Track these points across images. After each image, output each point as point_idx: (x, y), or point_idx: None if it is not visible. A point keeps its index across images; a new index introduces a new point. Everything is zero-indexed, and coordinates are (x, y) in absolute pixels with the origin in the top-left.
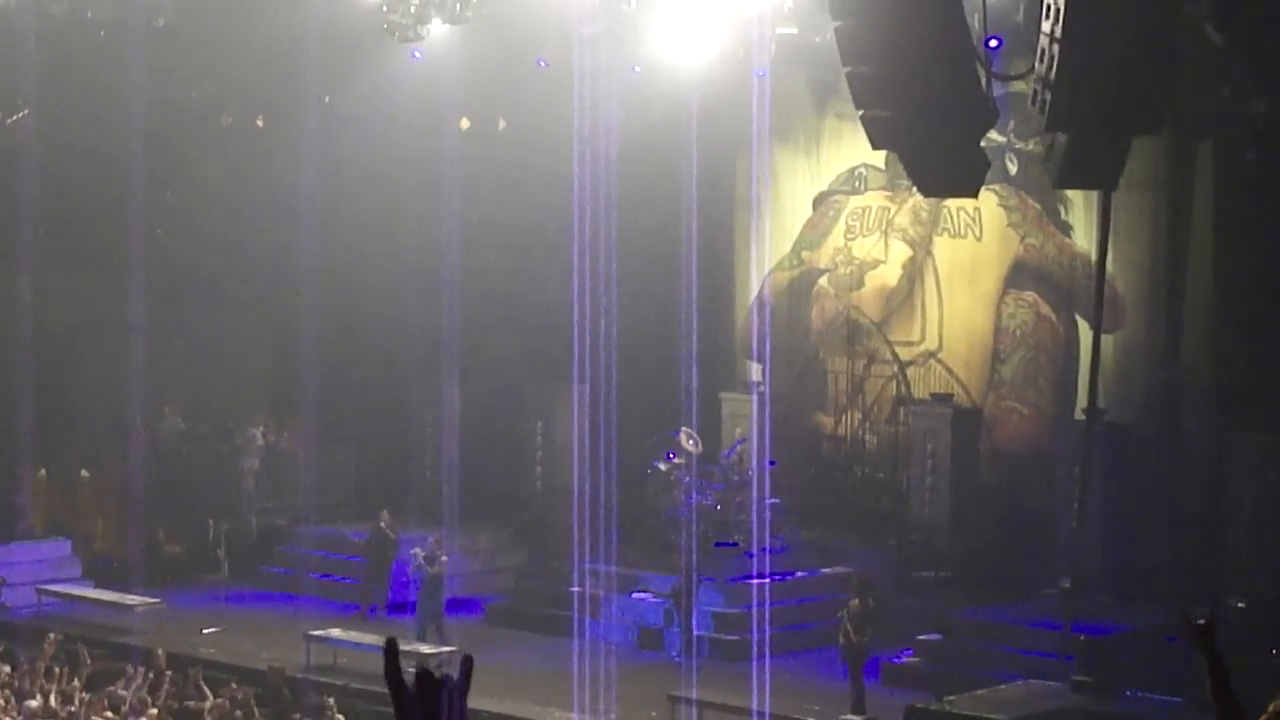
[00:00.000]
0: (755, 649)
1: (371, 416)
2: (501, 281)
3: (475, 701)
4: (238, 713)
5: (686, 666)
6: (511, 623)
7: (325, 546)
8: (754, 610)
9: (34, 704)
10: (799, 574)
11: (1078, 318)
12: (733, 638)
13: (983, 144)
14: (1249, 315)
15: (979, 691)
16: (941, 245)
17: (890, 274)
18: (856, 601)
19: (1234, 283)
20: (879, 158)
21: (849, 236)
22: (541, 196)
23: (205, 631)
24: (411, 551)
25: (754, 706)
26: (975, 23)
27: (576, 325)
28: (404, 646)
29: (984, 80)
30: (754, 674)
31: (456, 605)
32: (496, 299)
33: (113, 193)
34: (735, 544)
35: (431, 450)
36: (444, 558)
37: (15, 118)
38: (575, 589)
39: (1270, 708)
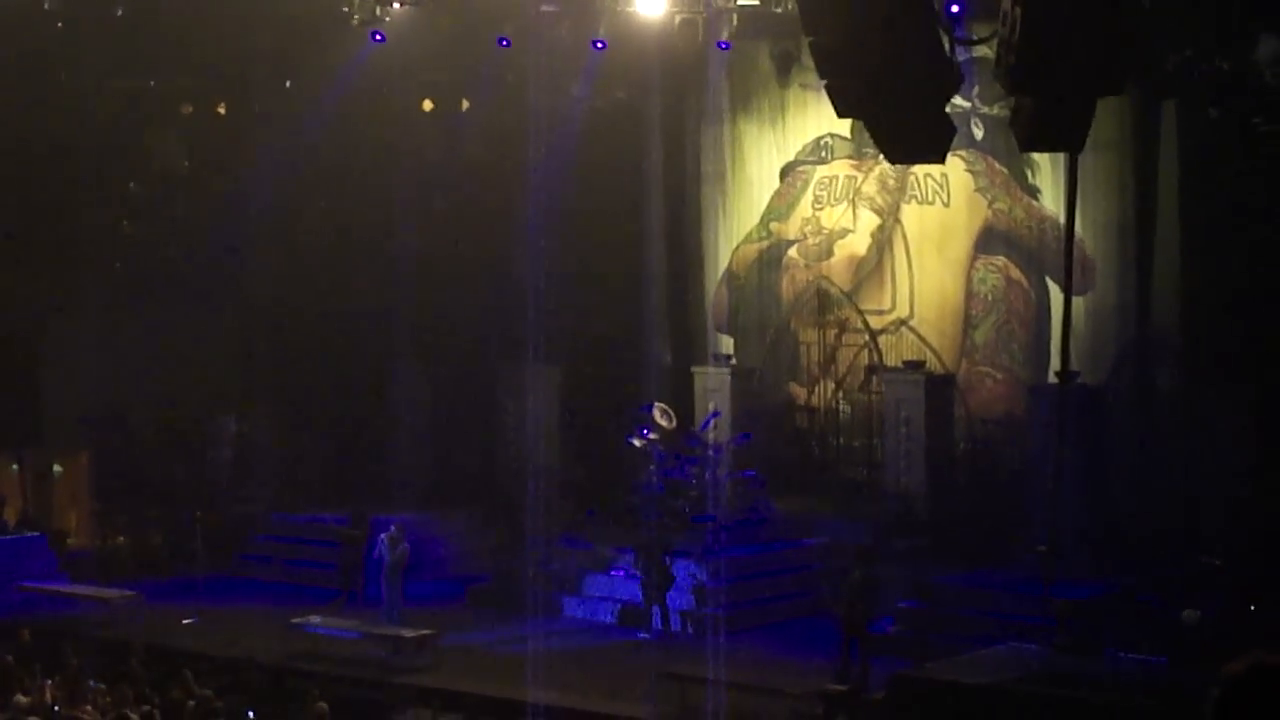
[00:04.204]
0: (735, 622)
1: (344, 402)
2: (470, 262)
3: (458, 684)
4: (218, 704)
5: (667, 642)
6: (491, 603)
7: (301, 534)
8: (733, 583)
9: (24, 700)
10: (776, 546)
11: (1048, 281)
12: (712, 612)
13: (948, 109)
14: (1217, 272)
15: (960, 657)
16: (910, 212)
17: (859, 243)
18: (858, 573)
19: (1201, 240)
20: (845, 127)
21: (817, 206)
22: (507, 176)
23: (184, 622)
24: (379, 536)
25: (737, 679)
26: None
27: (544, 304)
28: (378, 630)
29: (947, 45)
30: (734, 647)
31: (436, 588)
32: (465, 280)
33: (76, 184)
34: (712, 518)
35: (405, 433)
36: (405, 545)
37: None
38: (553, 568)
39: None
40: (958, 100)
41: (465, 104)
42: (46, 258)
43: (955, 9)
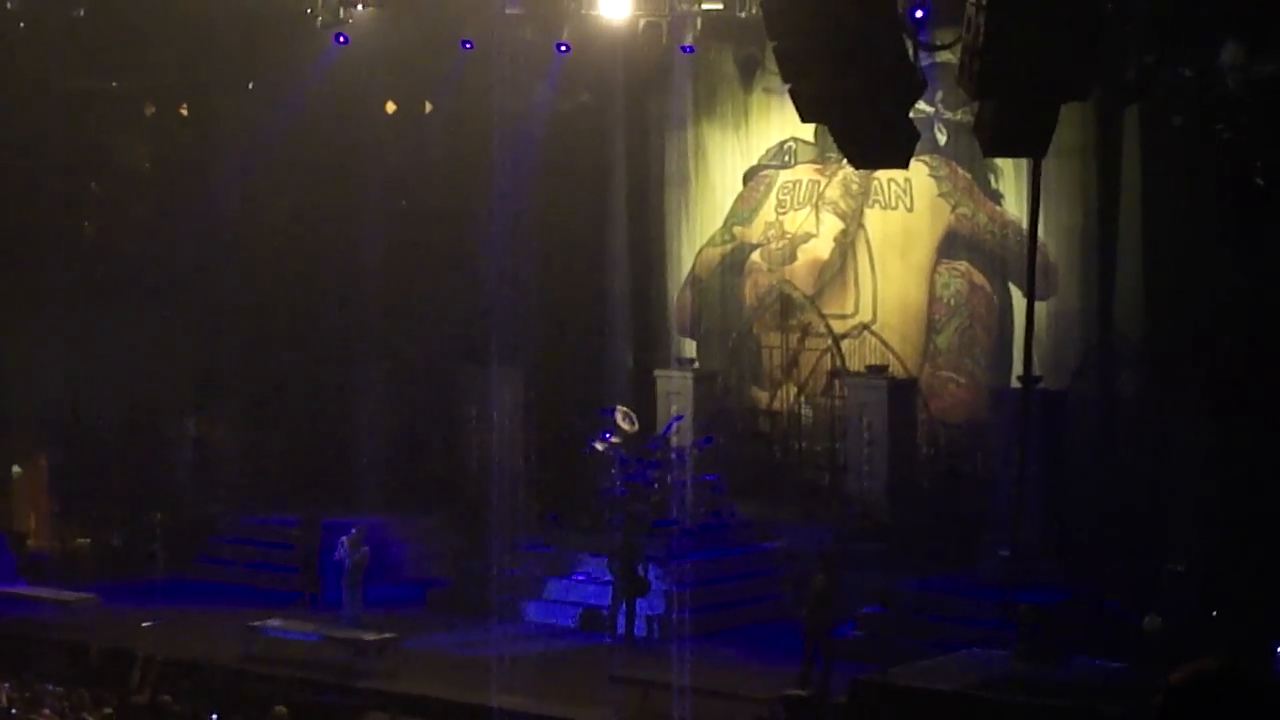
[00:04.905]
0: (698, 627)
1: (306, 404)
2: (433, 266)
3: (419, 688)
4: (177, 708)
5: (630, 647)
6: (452, 607)
7: (261, 536)
8: (695, 588)
9: None
10: (739, 550)
11: (1011, 286)
12: (674, 616)
13: (911, 115)
14: (1179, 278)
15: (923, 662)
16: (873, 217)
17: (822, 247)
18: (821, 577)
19: (1163, 246)
20: (808, 131)
21: (780, 211)
22: (470, 178)
23: (143, 625)
24: (340, 539)
25: (700, 684)
26: None
27: (507, 307)
28: (338, 633)
29: (911, 51)
30: (697, 652)
31: (397, 591)
32: (428, 283)
33: (37, 185)
34: (674, 522)
35: (367, 436)
36: (365, 548)
37: None
38: (515, 572)
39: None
40: (921, 105)
41: (428, 106)
42: (6, 258)
43: (919, 14)
